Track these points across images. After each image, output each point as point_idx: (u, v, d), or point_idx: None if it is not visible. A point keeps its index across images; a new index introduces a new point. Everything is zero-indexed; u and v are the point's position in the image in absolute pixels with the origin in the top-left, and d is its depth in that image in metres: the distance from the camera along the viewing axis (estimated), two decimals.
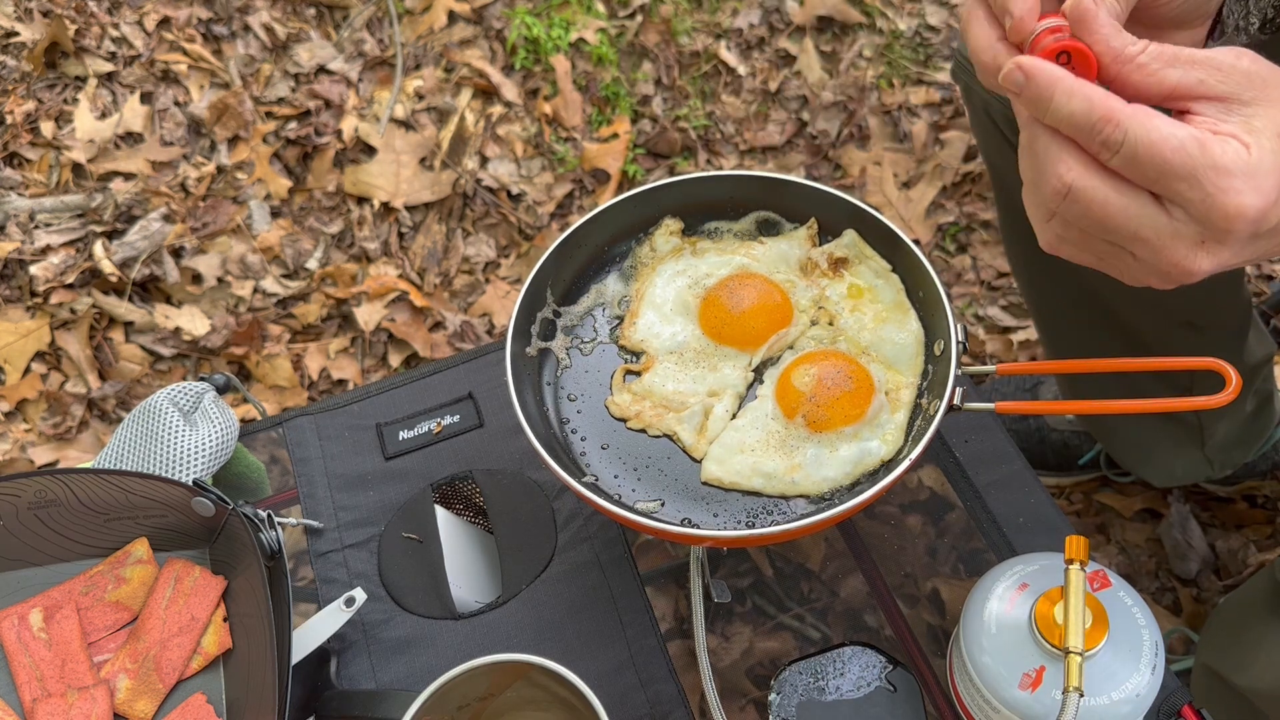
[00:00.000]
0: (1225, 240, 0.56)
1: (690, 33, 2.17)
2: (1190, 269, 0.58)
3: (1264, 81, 0.57)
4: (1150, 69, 0.57)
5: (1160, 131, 0.54)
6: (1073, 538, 0.73)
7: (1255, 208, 0.54)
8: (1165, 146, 0.54)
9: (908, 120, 2.05)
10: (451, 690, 0.74)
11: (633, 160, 2.04)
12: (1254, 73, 0.57)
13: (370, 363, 1.86)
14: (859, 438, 0.81)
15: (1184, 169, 0.54)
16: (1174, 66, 0.57)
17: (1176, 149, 0.54)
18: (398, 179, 2.01)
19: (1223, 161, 0.54)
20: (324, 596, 0.92)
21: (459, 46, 2.16)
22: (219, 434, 0.93)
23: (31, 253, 1.88)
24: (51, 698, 0.82)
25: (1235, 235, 0.56)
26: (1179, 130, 0.54)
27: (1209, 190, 0.54)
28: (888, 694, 0.78)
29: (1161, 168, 0.55)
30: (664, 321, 0.89)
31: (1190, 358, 0.79)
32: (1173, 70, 0.57)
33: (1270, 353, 1.37)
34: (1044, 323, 1.41)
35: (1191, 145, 0.54)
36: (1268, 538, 1.56)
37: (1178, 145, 0.54)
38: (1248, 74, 0.56)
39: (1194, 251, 0.57)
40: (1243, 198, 0.54)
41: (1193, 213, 0.56)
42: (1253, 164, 0.54)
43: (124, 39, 2.12)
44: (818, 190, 0.91)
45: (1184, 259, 0.57)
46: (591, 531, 0.93)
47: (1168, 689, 0.80)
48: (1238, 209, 0.54)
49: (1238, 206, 0.54)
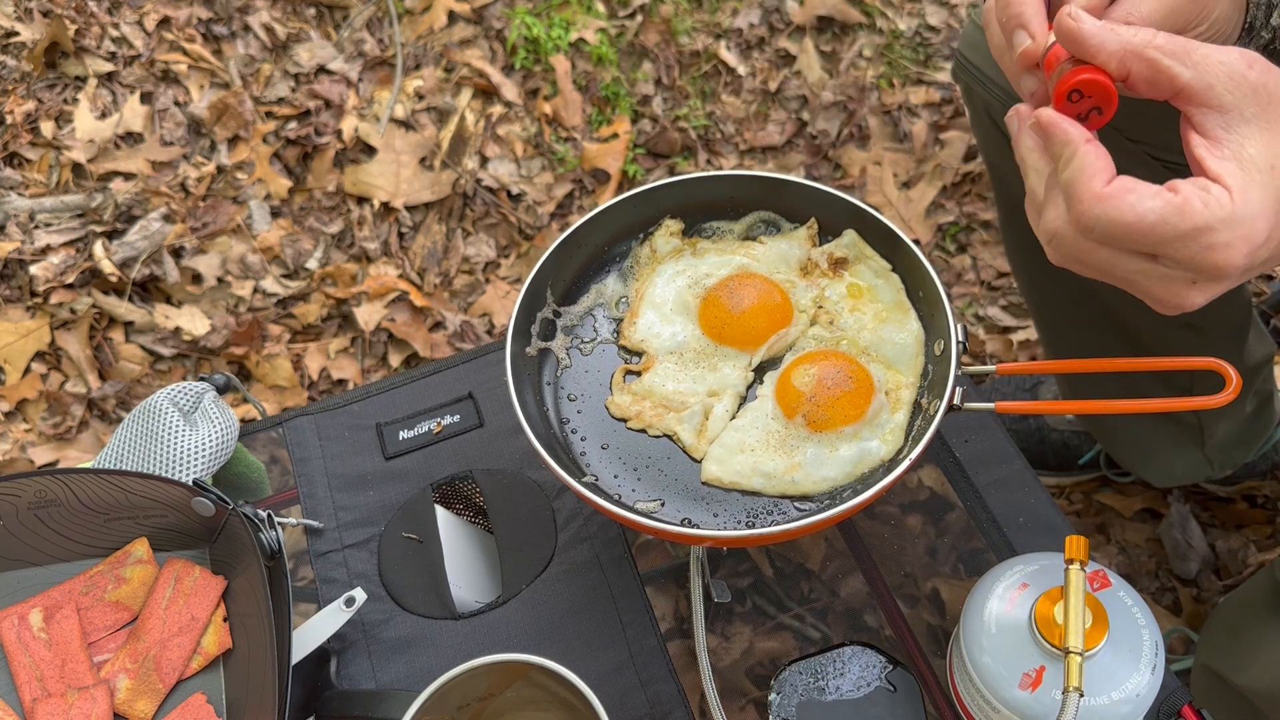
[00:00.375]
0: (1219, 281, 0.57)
1: (690, 33, 2.17)
2: (1183, 305, 0.59)
3: (1269, 98, 0.57)
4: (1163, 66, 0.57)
5: (1134, 210, 0.55)
6: (1073, 538, 0.73)
7: (1242, 254, 0.55)
8: (1141, 225, 0.55)
9: (908, 120, 2.05)
10: (451, 690, 0.74)
11: (633, 160, 2.04)
12: (1261, 87, 0.57)
13: (370, 363, 1.86)
14: (859, 438, 0.81)
15: (1166, 239, 0.55)
16: (1186, 65, 0.57)
17: (1156, 223, 0.55)
18: (398, 179, 2.01)
19: (1204, 221, 0.54)
20: (324, 596, 0.92)
21: (459, 46, 2.16)
22: (219, 434, 0.93)
23: (31, 253, 1.88)
24: (51, 698, 0.82)
25: (1228, 279, 0.57)
26: (1155, 204, 0.55)
27: (1194, 251, 0.55)
28: (888, 694, 0.78)
29: (1142, 242, 0.56)
30: (664, 321, 0.89)
31: (1190, 358, 0.79)
32: (1185, 69, 0.57)
33: (1270, 353, 1.37)
34: (1044, 323, 1.41)
35: (1171, 216, 0.55)
36: (1268, 538, 1.56)
37: (1156, 220, 0.55)
38: (1255, 88, 0.57)
39: (1186, 290, 0.58)
40: (1230, 251, 0.55)
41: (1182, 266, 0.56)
42: (1236, 214, 0.55)
43: (124, 39, 2.12)
44: (818, 190, 0.91)
45: (1176, 297, 0.59)
46: (591, 531, 0.93)
47: (1168, 689, 0.80)
48: (1226, 261, 0.55)
49: (1225, 260, 0.55)
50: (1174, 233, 0.55)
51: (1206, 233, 0.55)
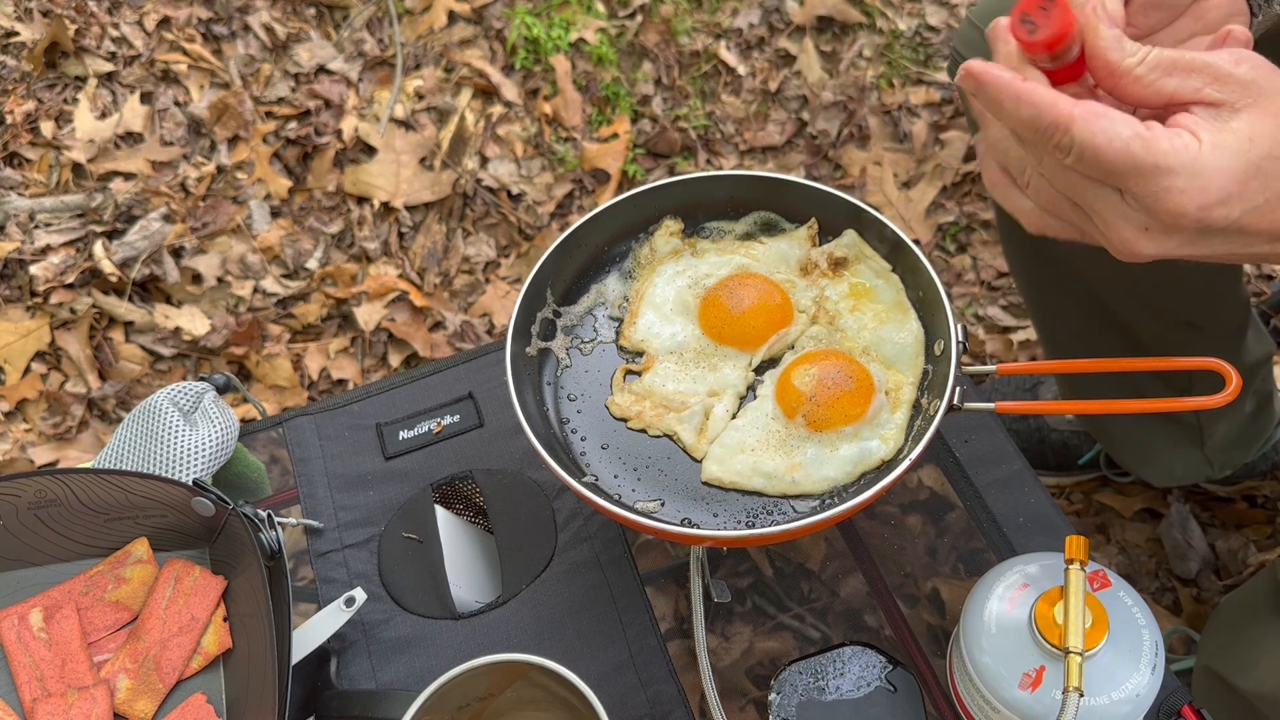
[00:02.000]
0: (1170, 233, 0.58)
1: (690, 33, 2.17)
2: (1134, 251, 0.59)
3: (1259, 90, 0.57)
4: (1146, 80, 0.58)
5: (1105, 134, 0.55)
6: (1073, 538, 0.73)
7: (1196, 206, 0.55)
8: (1109, 150, 0.55)
9: (908, 120, 2.05)
10: (451, 690, 0.74)
11: (633, 160, 2.04)
12: (1251, 81, 0.57)
13: (370, 363, 1.86)
14: (859, 437, 0.81)
15: (1127, 168, 0.55)
16: (1172, 75, 0.58)
17: (1120, 151, 0.55)
18: (398, 179, 2.01)
19: (1166, 161, 0.55)
20: (324, 596, 0.92)
21: (459, 46, 2.16)
22: (219, 434, 0.93)
23: (31, 253, 1.88)
24: (51, 698, 0.82)
25: (1180, 230, 0.57)
26: (1123, 130, 0.55)
27: (1151, 189, 0.55)
28: (888, 694, 0.78)
29: (1108, 168, 0.56)
30: (664, 321, 0.89)
31: (1190, 358, 0.79)
32: (1170, 79, 0.58)
33: (1269, 352, 1.37)
34: (1042, 323, 1.41)
35: (1135, 145, 0.55)
36: (1268, 538, 1.56)
37: (1121, 147, 0.55)
38: (1244, 82, 0.57)
39: (1138, 235, 0.58)
40: (1184, 197, 0.55)
41: (1140, 204, 0.57)
42: (1200, 162, 0.55)
43: (124, 39, 2.12)
44: (818, 190, 0.91)
45: (1128, 240, 0.59)
46: (591, 531, 0.93)
47: (1168, 689, 0.80)
48: (1178, 207, 0.55)
49: (1178, 205, 0.55)
50: (1136, 166, 0.55)
51: (1166, 174, 0.55)
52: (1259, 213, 0.57)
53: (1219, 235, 0.58)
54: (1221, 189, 0.55)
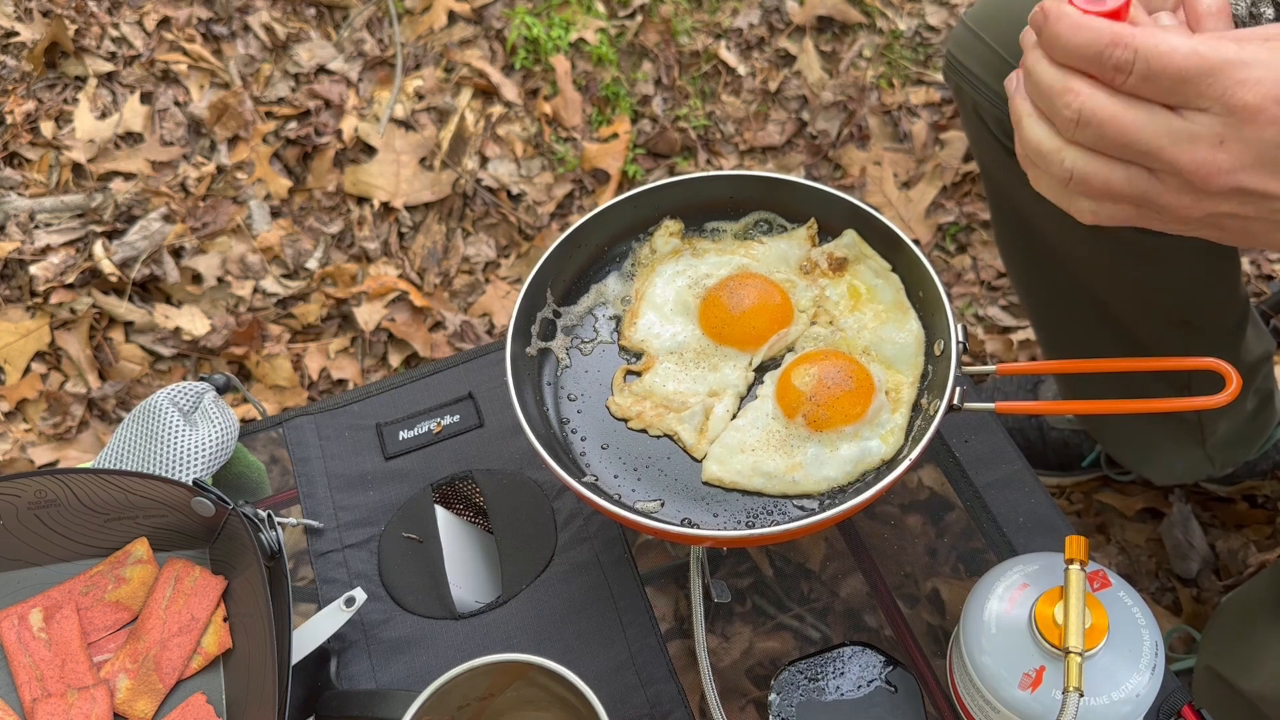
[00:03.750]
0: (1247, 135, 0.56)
1: (690, 33, 2.17)
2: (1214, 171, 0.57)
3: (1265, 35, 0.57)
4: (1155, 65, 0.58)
5: (1169, 42, 0.55)
6: (1073, 538, 0.73)
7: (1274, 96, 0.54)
8: (1177, 55, 0.55)
9: (908, 120, 2.05)
10: (451, 690, 0.74)
11: (633, 160, 2.04)
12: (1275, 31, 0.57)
13: (370, 363, 1.86)
14: (859, 437, 0.81)
15: (1199, 69, 0.55)
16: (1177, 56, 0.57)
17: (1189, 53, 0.55)
18: (398, 179, 2.01)
19: (1238, 55, 0.55)
20: (324, 596, 0.92)
21: (459, 46, 2.16)
22: (219, 434, 0.93)
23: (31, 253, 1.88)
24: (51, 698, 0.82)
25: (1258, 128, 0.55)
26: (1187, 40, 0.55)
27: (1227, 84, 0.55)
28: (888, 694, 0.78)
29: (1177, 75, 0.55)
30: (664, 321, 0.89)
31: (1190, 358, 0.79)
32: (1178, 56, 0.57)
33: (1269, 351, 1.37)
34: (1041, 324, 1.41)
35: (1204, 47, 0.55)
36: (1268, 538, 1.56)
37: (1189, 50, 0.55)
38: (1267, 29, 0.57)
39: (1213, 152, 0.57)
40: (1262, 86, 0.54)
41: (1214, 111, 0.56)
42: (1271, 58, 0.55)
43: (124, 39, 2.12)
44: (818, 190, 0.91)
45: (1204, 161, 0.57)
46: (591, 531, 0.93)
47: (1168, 689, 0.80)
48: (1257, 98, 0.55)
49: (1256, 95, 0.55)
50: (1208, 64, 0.55)
51: (1240, 66, 0.54)
52: None
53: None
54: None
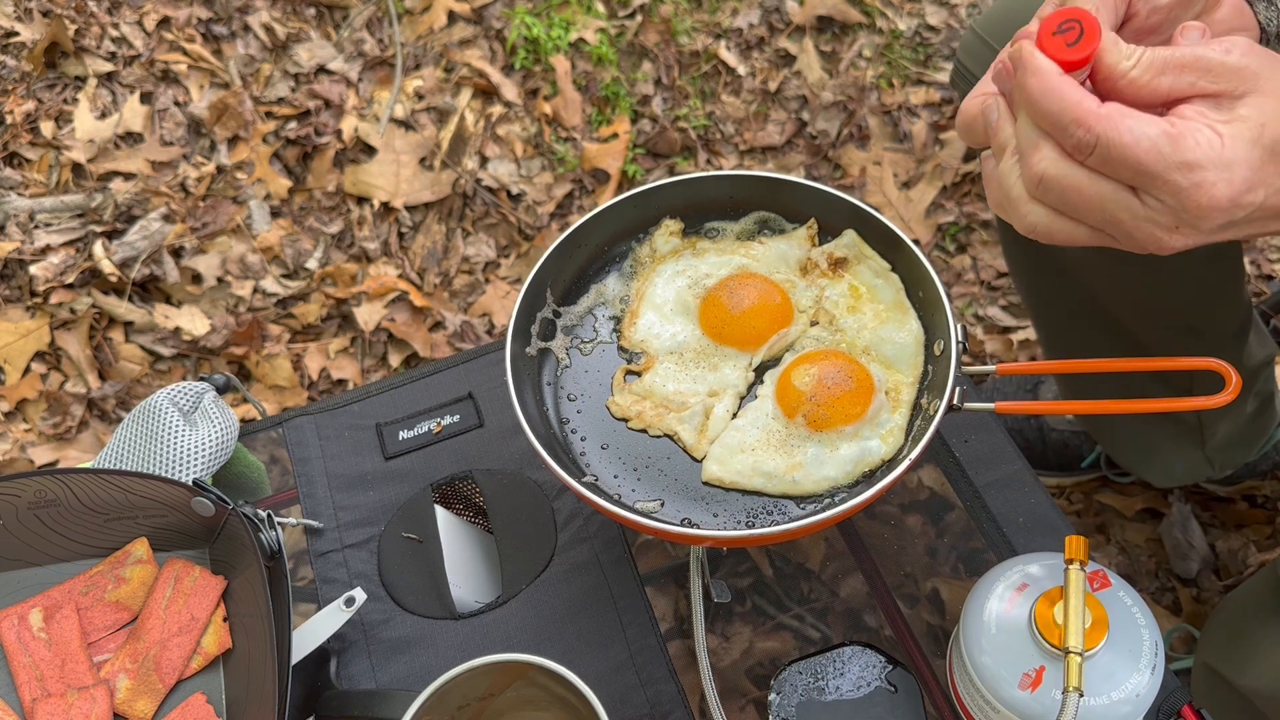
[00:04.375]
0: (1199, 226, 0.58)
1: (690, 33, 2.17)
2: (1163, 247, 0.60)
3: (1254, 74, 0.58)
4: (1141, 82, 0.59)
5: (1132, 133, 0.56)
6: (1073, 538, 0.73)
7: (1226, 198, 0.56)
8: (1138, 148, 0.56)
9: (908, 120, 2.05)
10: (451, 690, 0.74)
11: (633, 160, 2.04)
12: (1243, 67, 0.58)
13: (370, 363, 1.86)
14: (859, 437, 0.81)
15: (1156, 167, 0.56)
16: (1165, 74, 0.58)
17: (1148, 149, 0.56)
18: (398, 179, 2.01)
19: (1194, 156, 0.56)
20: (324, 596, 0.92)
21: (459, 46, 2.16)
22: (219, 434, 0.93)
23: (31, 253, 1.88)
24: (51, 698, 0.82)
25: (1209, 221, 0.58)
26: (1150, 129, 0.56)
27: (1182, 186, 0.56)
28: (888, 694, 0.78)
29: (1135, 167, 0.56)
30: (664, 321, 0.89)
31: (1190, 358, 0.79)
32: (1164, 78, 0.58)
33: (1271, 354, 1.37)
34: (1043, 326, 1.41)
35: (1163, 143, 0.56)
36: (1268, 538, 1.56)
37: (1149, 145, 0.56)
38: (1237, 69, 0.58)
39: (1168, 234, 0.59)
40: (1215, 190, 0.56)
41: (1166, 204, 0.57)
42: (1225, 155, 0.56)
43: (124, 39, 2.12)
44: (818, 190, 0.91)
45: (1158, 240, 0.59)
46: (591, 531, 0.93)
47: (1168, 689, 0.80)
48: (1210, 201, 0.56)
49: (1210, 199, 0.56)
50: (1166, 162, 0.56)
51: (1195, 168, 0.56)
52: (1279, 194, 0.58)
53: (1244, 222, 0.59)
54: (1246, 179, 0.56)
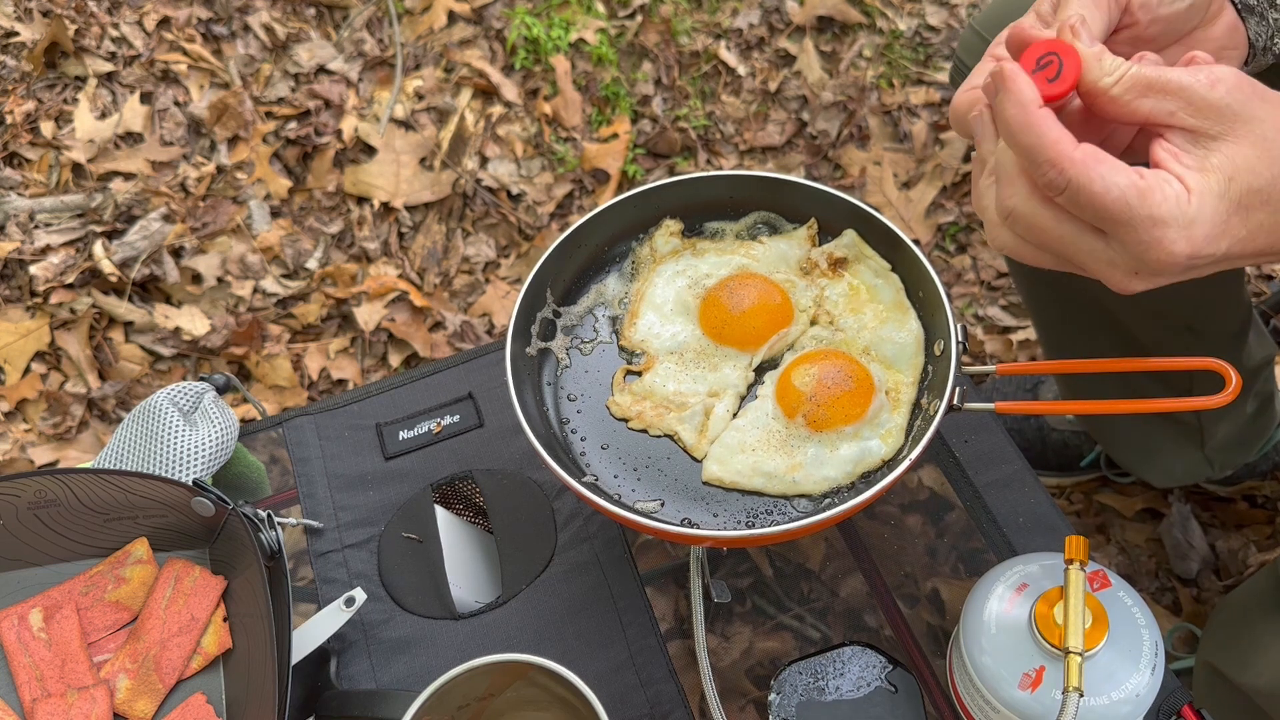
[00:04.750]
0: (1159, 275, 0.60)
1: (690, 33, 2.17)
2: (1124, 289, 0.61)
3: (1234, 116, 0.58)
4: (1123, 101, 0.59)
5: (1103, 181, 0.56)
6: (1073, 538, 0.73)
7: (1185, 254, 0.57)
8: (1106, 197, 0.56)
9: (908, 120, 2.05)
10: (451, 690, 0.74)
11: (633, 160, 2.04)
12: (1225, 106, 0.58)
13: (370, 363, 1.86)
14: (859, 437, 0.81)
15: (1122, 218, 0.57)
16: (1147, 97, 0.59)
17: (1116, 199, 0.56)
18: (398, 179, 2.01)
19: (1159, 212, 0.56)
20: (324, 596, 0.92)
21: (459, 46, 2.16)
22: (219, 434, 0.93)
23: (31, 253, 1.88)
24: (51, 698, 0.82)
25: (1166, 275, 0.59)
26: (1120, 179, 0.56)
27: (1143, 239, 0.57)
28: (888, 694, 0.78)
29: (1101, 214, 0.57)
30: (664, 322, 0.89)
31: (1190, 358, 0.79)
32: (1146, 101, 0.59)
33: (1270, 354, 1.37)
34: (1043, 326, 1.41)
35: (1131, 195, 0.56)
36: (1268, 538, 1.56)
37: (1117, 196, 0.56)
38: (1219, 108, 0.58)
39: (1128, 278, 0.60)
40: (1175, 247, 0.57)
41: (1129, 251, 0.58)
42: (1189, 214, 0.57)
43: (124, 39, 2.12)
44: (818, 190, 0.91)
45: (1119, 283, 0.61)
46: (591, 531, 0.93)
47: (1168, 689, 0.80)
48: (1169, 257, 0.57)
49: (1169, 255, 0.57)
50: (1131, 215, 0.56)
51: (1158, 224, 0.56)
52: (1243, 243, 0.59)
53: (1207, 267, 0.60)
54: (1208, 236, 0.57)
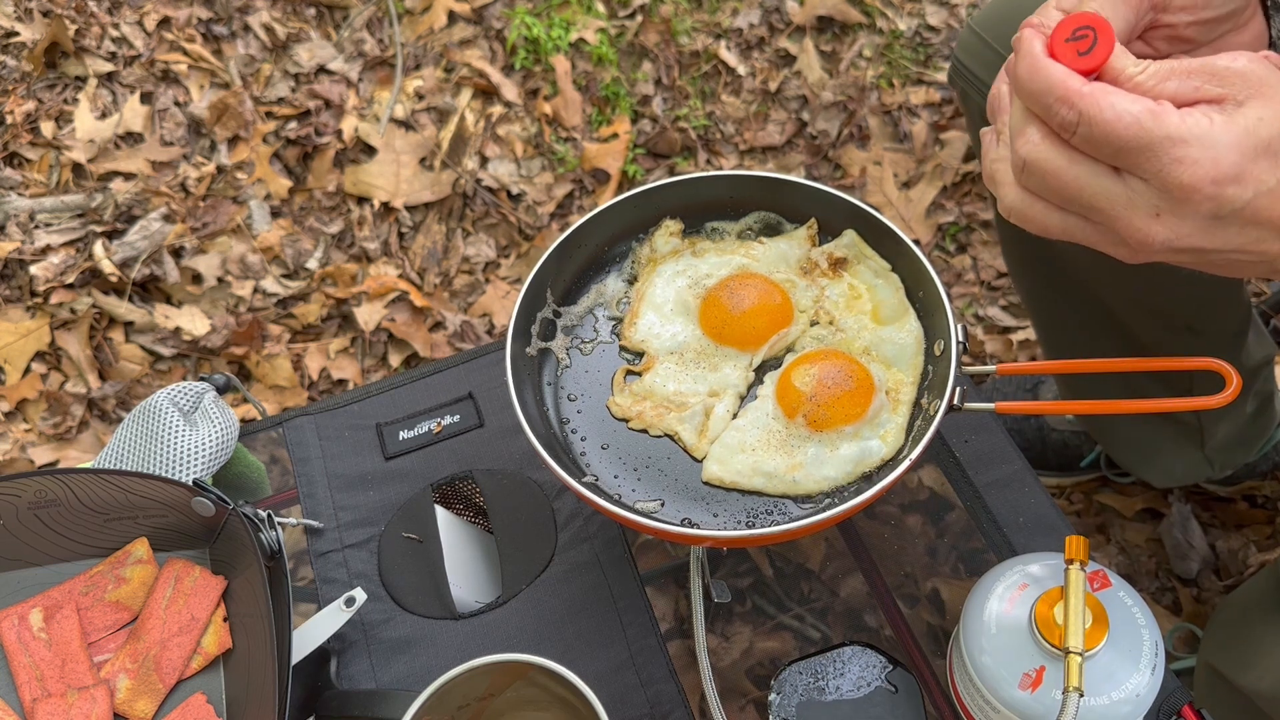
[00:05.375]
0: (1182, 212, 0.57)
1: (690, 33, 2.17)
2: (1146, 239, 0.59)
3: (1260, 80, 0.57)
4: (1147, 85, 0.58)
5: (1115, 109, 0.55)
6: (1073, 538, 0.73)
7: (1210, 179, 0.55)
8: (1119, 124, 0.55)
9: (908, 120, 2.05)
10: (451, 690, 0.74)
11: (633, 160, 2.04)
12: (1249, 72, 0.57)
13: (370, 363, 1.86)
14: (859, 437, 0.81)
15: (1138, 141, 0.55)
16: (1170, 79, 0.58)
17: (1130, 124, 0.55)
18: (398, 179, 2.01)
19: (1178, 131, 0.55)
20: (324, 596, 0.92)
21: (459, 46, 2.16)
22: (219, 434, 0.93)
23: (31, 253, 1.88)
24: (51, 698, 0.82)
25: (1192, 206, 0.56)
26: (1133, 105, 0.56)
27: (1163, 160, 0.55)
28: (888, 694, 0.78)
29: (1117, 144, 0.56)
30: (664, 322, 0.89)
31: (1190, 357, 0.79)
32: (1169, 82, 0.58)
33: (1270, 354, 1.37)
34: (1042, 325, 1.41)
35: (1146, 118, 0.55)
36: (1268, 538, 1.56)
37: (1131, 120, 0.55)
38: (1243, 74, 0.57)
39: (1149, 222, 0.58)
40: (1197, 168, 0.55)
41: (1150, 183, 0.57)
42: (1212, 134, 0.55)
43: (124, 39, 2.12)
44: (818, 190, 0.91)
45: (1139, 229, 0.58)
46: (591, 531, 0.93)
47: (1168, 689, 0.80)
48: (1191, 179, 0.55)
49: (1191, 177, 0.55)
50: (1147, 137, 0.55)
51: (1179, 144, 0.55)
52: (1271, 196, 0.57)
53: (1232, 223, 0.57)
54: (1234, 164, 0.55)
